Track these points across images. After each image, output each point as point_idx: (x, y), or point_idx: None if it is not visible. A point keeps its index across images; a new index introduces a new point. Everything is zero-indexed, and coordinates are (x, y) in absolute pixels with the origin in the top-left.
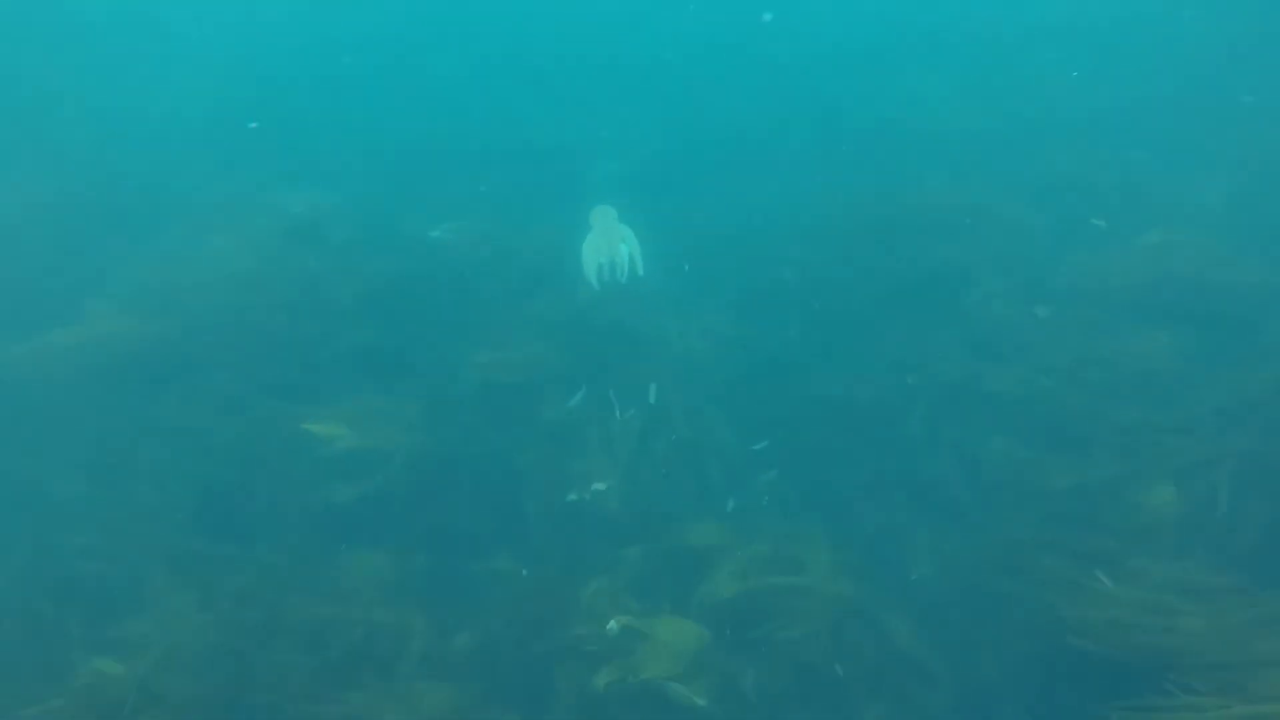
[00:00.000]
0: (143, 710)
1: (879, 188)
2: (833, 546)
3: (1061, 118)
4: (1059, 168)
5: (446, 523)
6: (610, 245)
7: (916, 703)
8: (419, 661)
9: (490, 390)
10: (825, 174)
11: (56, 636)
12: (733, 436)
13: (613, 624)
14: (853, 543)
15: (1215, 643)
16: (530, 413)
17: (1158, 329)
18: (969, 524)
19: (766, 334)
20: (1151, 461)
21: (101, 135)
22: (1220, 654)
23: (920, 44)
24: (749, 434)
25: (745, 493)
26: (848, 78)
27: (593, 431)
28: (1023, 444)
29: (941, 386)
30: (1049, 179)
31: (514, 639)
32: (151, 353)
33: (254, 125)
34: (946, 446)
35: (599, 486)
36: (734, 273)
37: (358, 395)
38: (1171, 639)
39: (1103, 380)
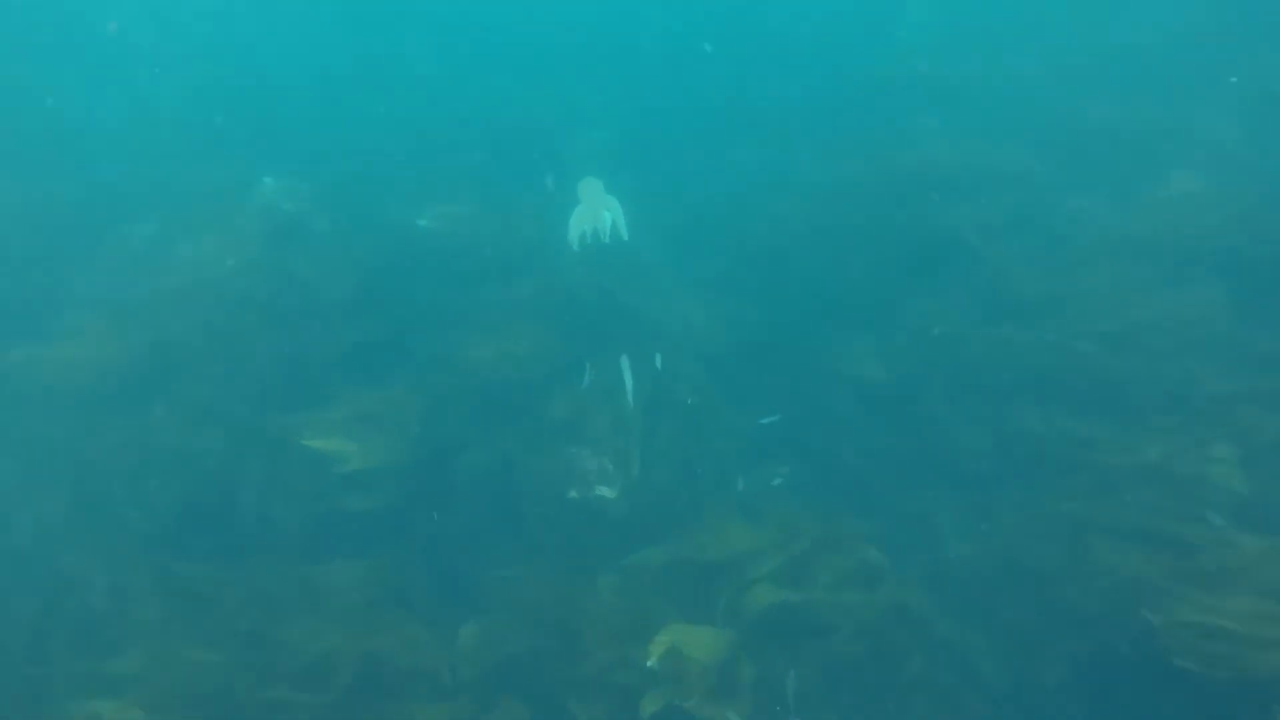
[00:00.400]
0: None
1: (878, 146)
2: (862, 532)
3: (1060, 66)
4: (1065, 118)
5: (452, 534)
6: (595, 214)
7: None
8: (429, 690)
9: (488, 385)
10: (821, 134)
11: (43, 674)
12: (742, 415)
13: (652, 661)
14: (883, 529)
15: None
16: (530, 407)
17: (1197, 282)
18: (1015, 506)
19: (768, 304)
20: (1209, 430)
21: (66, 131)
22: None
23: None
24: (758, 411)
25: (757, 475)
26: (839, 34)
27: (597, 421)
28: (1064, 415)
29: (966, 355)
30: (1056, 130)
31: (536, 664)
32: (131, 364)
33: None
34: (977, 420)
35: (606, 493)
36: (731, 240)
37: (351, 401)
38: None
39: (1145, 341)
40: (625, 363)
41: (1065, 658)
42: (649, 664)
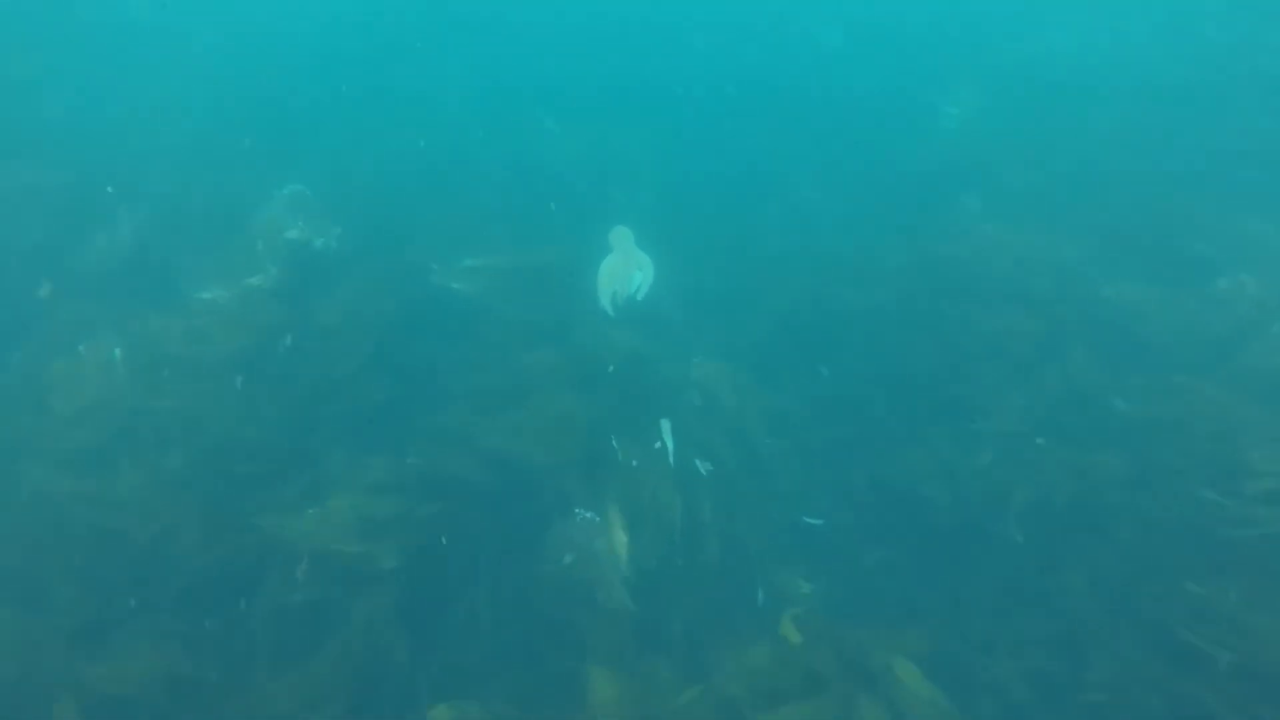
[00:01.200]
0: None
1: (924, 230)
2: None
3: (1120, 159)
4: (1124, 211)
5: (453, 640)
6: (626, 271)
7: None
8: None
9: (508, 471)
10: (861, 213)
11: None
12: (778, 512)
13: None
14: (941, 677)
15: None
16: (548, 489)
17: None
18: (1119, 680)
19: (812, 391)
20: None
21: (78, 156)
22: None
23: (958, 76)
24: (795, 509)
25: (790, 581)
26: (882, 113)
27: (619, 507)
28: (1173, 572)
29: (1046, 477)
30: (1117, 225)
31: None
32: (100, 423)
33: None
34: (1065, 561)
35: (623, 601)
36: (767, 316)
37: (358, 488)
38: None
39: (1257, 489)
40: (666, 425)
41: None
42: None
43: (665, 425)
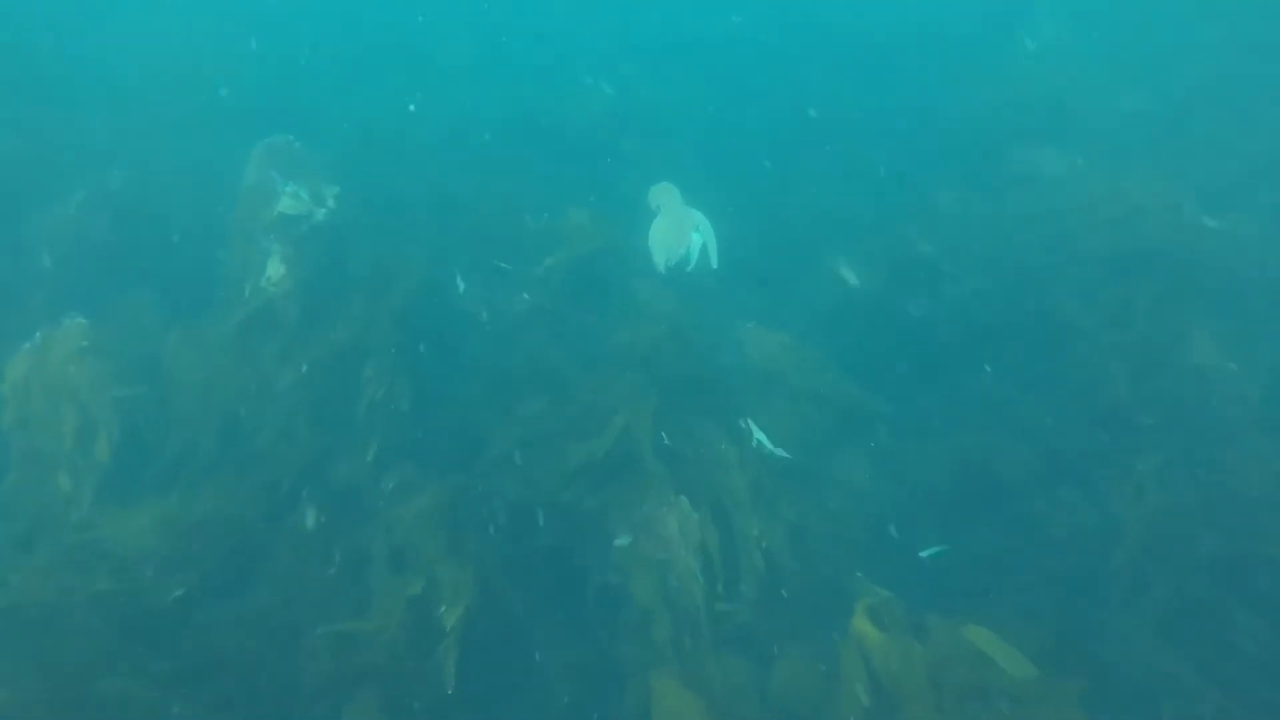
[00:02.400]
0: None
1: (1006, 178)
2: None
3: (1232, 80)
4: (1243, 140)
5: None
6: (681, 233)
7: None
8: None
9: (569, 516)
10: (927, 163)
11: None
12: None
13: None
14: None
15: None
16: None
17: None
18: None
19: (897, 385)
20: None
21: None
22: None
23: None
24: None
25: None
26: (952, 48)
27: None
28: None
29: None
30: (1231, 170)
31: None
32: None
33: None
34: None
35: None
36: (830, 289)
37: (419, 563)
38: None
39: None
40: (752, 424)
41: None
42: None
43: (751, 424)
